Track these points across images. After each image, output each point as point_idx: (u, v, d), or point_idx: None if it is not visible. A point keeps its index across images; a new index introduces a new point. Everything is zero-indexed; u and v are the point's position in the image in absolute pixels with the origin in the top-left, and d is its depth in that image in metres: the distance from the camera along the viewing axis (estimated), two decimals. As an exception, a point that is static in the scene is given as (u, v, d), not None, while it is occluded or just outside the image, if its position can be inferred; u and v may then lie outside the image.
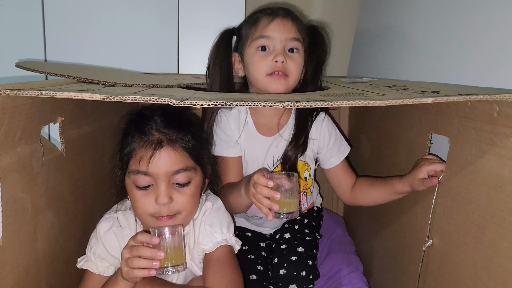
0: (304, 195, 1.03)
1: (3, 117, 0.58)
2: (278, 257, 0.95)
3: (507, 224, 0.61)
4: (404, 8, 1.15)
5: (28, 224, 0.69)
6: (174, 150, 0.74)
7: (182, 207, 0.75)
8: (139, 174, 0.73)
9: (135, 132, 0.76)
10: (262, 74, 0.87)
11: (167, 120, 0.75)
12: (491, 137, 0.64)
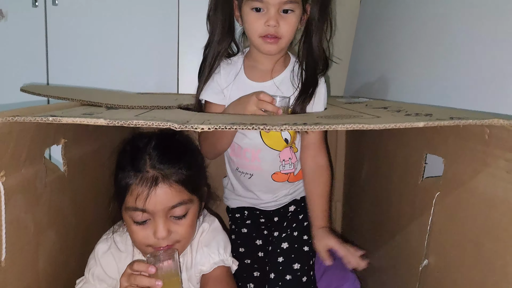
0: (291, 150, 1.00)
1: (10, 141, 0.59)
2: (274, 273, 0.95)
3: (501, 242, 0.62)
4: (398, 31, 1.19)
5: (30, 244, 0.70)
6: (170, 186, 0.75)
7: (181, 237, 0.76)
8: (136, 211, 0.74)
9: (129, 167, 0.76)
10: (256, 35, 0.88)
11: (162, 153, 0.76)
12: (484, 158, 0.66)
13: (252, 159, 0.93)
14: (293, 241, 0.99)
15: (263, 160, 0.94)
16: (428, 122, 0.56)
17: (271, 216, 1.08)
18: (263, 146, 0.93)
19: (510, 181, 0.61)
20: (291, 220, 1.04)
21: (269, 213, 1.08)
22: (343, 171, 1.38)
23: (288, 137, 0.94)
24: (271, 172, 0.98)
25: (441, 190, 0.77)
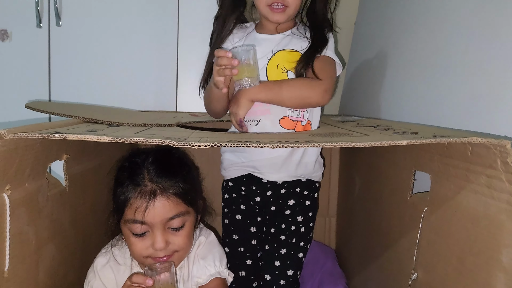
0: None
1: (16, 156, 0.62)
2: (270, 275, 0.98)
3: (483, 256, 0.65)
4: (391, 52, 1.23)
5: (32, 256, 0.72)
6: (168, 199, 0.78)
7: (179, 248, 0.79)
8: (135, 224, 0.78)
9: (128, 181, 0.80)
10: (263, 4, 0.92)
11: (159, 168, 0.80)
12: (467, 174, 0.69)
13: (259, 103, 0.91)
14: (290, 247, 1.00)
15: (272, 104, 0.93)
16: (411, 140, 0.59)
17: (269, 200, 1.02)
18: None
19: (491, 197, 0.64)
20: (289, 219, 1.02)
21: (268, 191, 1.02)
22: (337, 187, 1.42)
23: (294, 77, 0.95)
24: (279, 116, 0.94)
25: (428, 205, 0.80)
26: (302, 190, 1.01)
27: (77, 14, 1.41)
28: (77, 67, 1.42)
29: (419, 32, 1.07)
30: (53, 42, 1.40)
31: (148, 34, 1.44)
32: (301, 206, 1.01)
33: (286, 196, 1.00)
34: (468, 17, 0.88)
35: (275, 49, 0.96)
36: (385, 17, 1.32)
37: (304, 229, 1.02)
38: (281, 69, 0.94)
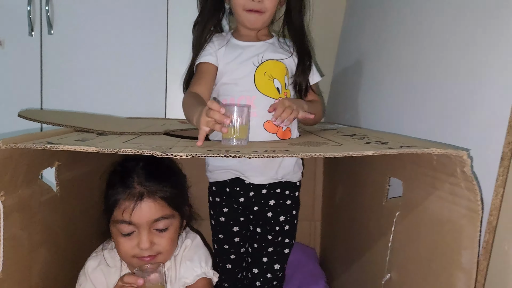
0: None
1: (10, 164, 0.66)
2: (258, 269, 1.07)
3: (446, 258, 0.70)
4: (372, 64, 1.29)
5: (25, 259, 0.76)
6: (154, 201, 0.83)
7: (163, 249, 0.84)
8: (123, 224, 0.83)
9: (119, 184, 0.85)
10: (241, 9, 0.98)
11: (148, 173, 0.85)
12: (433, 182, 0.74)
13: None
14: (276, 245, 1.07)
15: (258, 105, 0.97)
16: (377, 150, 0.64)
17: (251, 201, 1.06)
18: (257, 93, 0.99)
19: (454, 202, 0.69)
20: (271, 221, 1.07)
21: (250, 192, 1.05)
22: (321, 193, 1.47)
23: (279, 87, 1.00)
24: (264, 120, 0.98)
25: (400, 210, 0.86)
26: (283, 191, 1.06)
27: (68, 23, 1.44)
28: (69, 75, 1.45)
29: (398, 46, 1.13)
30: (45, 50, 1.44)
31: (138, 43, 1.48)
32: (282, 206, 1.06)
33: (267, 196, 1.04)
34: (441, 33, 0.93)
35: (261, 56, 1.01)
36: (368, 31, 1.37)
37: (289, 227, 1.07)
38: (268, 76, 1.00)
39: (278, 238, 1.06)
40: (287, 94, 1.02)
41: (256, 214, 1.06)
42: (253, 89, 0.98)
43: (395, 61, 1.13)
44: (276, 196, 1.05)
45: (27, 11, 1.40)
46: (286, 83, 1.02)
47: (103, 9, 1.46)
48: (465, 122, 0.81)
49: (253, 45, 1.02)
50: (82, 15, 1.45)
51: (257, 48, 1.01)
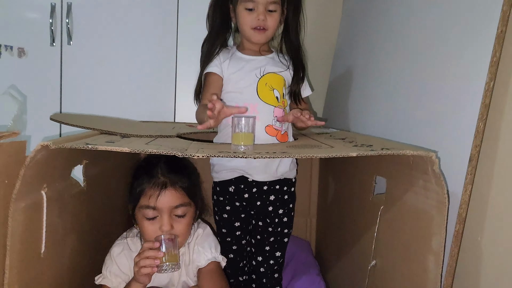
0: (283, 113, 1.15)
1: (51, 162, 0.79)
2: (261, 257, 1.20)
3: (420, 243, 0.82)
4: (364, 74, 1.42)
5: (59, 243, 0.89)
6: (175, 190, 0.97)
7: (180, 233, 0.96)
8: (148, 209, 0.95)
9: (145, 176, 0.98)
10: (248, 28, 1.12)
11: (170, 167, 0.99)
12: (410, 179, 0.87)
13: (250, 111, 1.11)
14: (276, 235, 1.20)
15: (260, 111, 1.10)
16: (360, 152, 0.77)
17: (255, 196, 1.17)
18: (259, 101, 1.11)
19: (426, 196, 0.82)
20: (272, 214, 1.19)
21: (253, 188, 1.16)
22: (317, 192, 1.59)
23: (278, 96, 1.14)
24: (265, 124, 1.11)
25: (384, 204, 0.98)
26: (281, 187, 1.19)
27: (86, 34, 1.57)
28: (86, 81, 1.58)
29: (384, 61, 1.26)
30: (65, 59, 1.57)
31: (150, 53, 1.61)
32: (281, 201, 1.19)
33: (268, 192, 1.17)
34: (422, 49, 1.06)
35: (263, 69, 1.15)
36: (359, 47, 1.50)
37: (287, 219, 1.20)
38: (269, 87, 1.13)
39: (278, 229, 1.19)
40: (284, 103, 1.15)
41: (258, 208, 1.18)
42: (255, 98, 1.11)
43: (382, 74, 1.25)
44: (275, 192, 1.17)
45: (49, 23, 1.53)
46: (284, 93, 1.16)
47: (117, 22, 1.59)
48: (440, 128, 0.93)
49: (255, 59, 1.16)
50: (99, 27, 1.58)
51: (259, 61, 1.15)
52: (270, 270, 1.20)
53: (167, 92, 1.63)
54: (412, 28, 1.13)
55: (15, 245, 0.72)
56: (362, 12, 1.54)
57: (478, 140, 0.84)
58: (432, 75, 0.99)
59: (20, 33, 1.54)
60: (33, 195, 0.77)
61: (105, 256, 1.04)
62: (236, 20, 1.16)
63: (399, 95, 1.13)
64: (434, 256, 0.79)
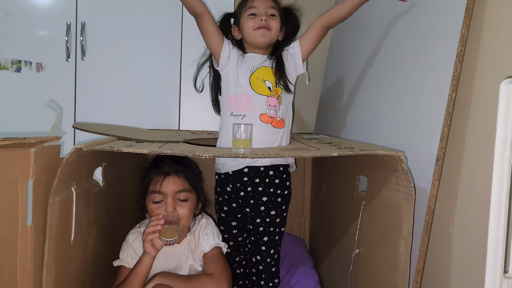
0: (277, 100, 1.26)
1: (80, 163, 0.93)
2: (253, 246, 1.32)
3: (393, 229, 0.97)
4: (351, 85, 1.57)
5: (84, 234, 1.03)
6: (178, 177, 1.15)
7: (182, 215, 1.13)
8: (155, 193, 1.13)
9: (153, 168, 1.17)
10: (252, 29, 1.24)
11: (174, 160, 1.17)
12: (385, 176, 1.01)
13: (246, 102, 1.23)
14: (270, 234, 1.30)
15: (254, 102, 1.23)
16: (340, 152, 0.91)
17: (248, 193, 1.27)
18: (253, 92, 1.24)
19: (397, 190, 0.96)
20: (262, 214, 1.29)
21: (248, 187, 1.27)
22: (310, 192, 1.74)
23: (270, 86, 1.26)
24: (260, 113, 1.22)
25: (365, 200, 1.12)
26: (275, 190, 1.29)
27: (98, 51, 1.72)
28: (98, 93, 1.73)
29: (371, 74, 1.41)
30: (79, 73, 1.71)
31: (156, 67, 1.75)
32: (273, 203, 1.29)
33: (262, 193, 1.28)
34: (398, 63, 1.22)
35: (256, 65, 1.28)
36: (348, 57, 1.66)
37: (280, 219, 1.31)
38: (260, 80, 1.26)
39: (270, 228, 1.30)
40: (278, 91, 1.26)
41: (252, 208, 1.29)
42: (249, 90, 1.24)
43: (366, 87, 1.41)
44: (268, 194, 1.28)
45: (65, 40, 1.69)
46: (277, 83, 1.27)
47: (126, 39, 1.74)
48: (412, 133, 1.08)
49: (253, 56, 1.29)
50: (109, 44, 1.73)
51: (254, 58, 1.28)
52: (268, 266, 1.31)
53: (172, 103, 1.77)
54: (390, 47, 1.28)
55: (52, 232, 0.86)
56: (351, 29, 1.70)
57: (443, 143, 0.98)
58: (406, 88, 1.14)
59: (39, 49, 1.68)
60: (65, 191, 0.91)
61: (118, 246, 1.18)
62: (241, 33, 1.28)
63: (380, 105, 1.28)
64: (404, 240, 0.93)
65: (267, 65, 1.28)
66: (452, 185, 1.00)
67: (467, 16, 0.95)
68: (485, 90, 0.91)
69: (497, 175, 0.68)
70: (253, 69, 1.27)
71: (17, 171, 0.79)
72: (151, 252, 1.07)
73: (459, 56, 0.96)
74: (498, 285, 0.68)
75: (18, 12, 1.67)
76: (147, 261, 1.07)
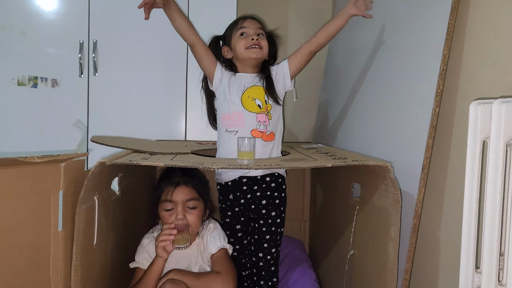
0: (266, 116, 1.35)
1: (101, 175, 1.04)
2: (255, 245, 1.42)
3: (382, 232, 1.07)
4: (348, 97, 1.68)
5: (104, 238, 1.13)
6: (187, 187, 1.27)
7: (191, 222, 1.24)
8: (166, 202, 1.25)
9: (165, 179, 1.28)
10: (243, 48, 1.34)
11: (183, 172, 1.29)
12: (376, 184, 1.12)
13: (238, 119, 1.34)
14: (271, 234, 1.41)
15: (245, 120, 1.33)
16: (334, 163, 1.02)
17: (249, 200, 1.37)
18: (244, 110, 1.34)
19: (386, 196, 1.07)
20: (265, 216, 1.39)
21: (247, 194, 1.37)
22: (309, 199, 1.84)
23: (260, 104, 1.36)
24: (251, 128, 1.33)
25: (359, 205, 1.23)
26: (272, 193, 1.40)
27: (109, 67, 1.83)
28: (109, 106, 1.84)
29: (364, 90, 1.52)
30: (91, 88, 1.83)
31: (163, 81, 1.87)
32: (273, 205, 1.40)
33: (260, 197, 1.39)
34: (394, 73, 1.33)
35: (247, 84, 1.38)
36: (345, 72, 1.77)
37: (280, 220, 1.42)
38: (251, 98, 1.36)
39: (272, 228, 1.41)
40: (268, 108, 1.37)
41: (253, 212, 1.40)
42: (241, 109, 1.35)
43: (359, 101, 1.52)
44: (267, 197, 1.39)
45: (78, 57, 1.80)
46: (266, 100, 1.38)
47: (135, 56, 1.85)
48: (400, 145, 1.19)
49: (243, 75, 1.40)
50: (119, 61, 1.84)
51: (245, 78, 1.39)
52: (268, 264, 1.42)
53: (179, 115, 1.89)
54: (379, 67, 1.39)
55: (79, 237, 0.97)
56: (347, 44, 1.81)
57: (428, 153, 1.09)
58: (394, 104, 1.25)
59: (54, 66, 1.80)
60: (89, 200, 1.02)
61: (132, 250, 1.30)
62: (233, 53, 1.39)
63: (372, 118, 1.39)
64: (392, 242, 1.04)
65: (258, 84, 1.39)
66: (438, 191, 1.11)
67: (448, 38, 1.06)
68: (464, 106, 1.02)
69: (468, 183, 0.79)
70: (244, 88, 1.37)
71: (50, 184, 0.91)
72: (163, 256, 1.18)
73: (441, 75, 1.07)
74: (470, 279, 0.79)
75: (34, 32, 1.78)
76: (160, 262, 1.19)
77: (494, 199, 0.72)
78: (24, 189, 0.85)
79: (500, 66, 0.91)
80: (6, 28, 1.75)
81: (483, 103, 0.75)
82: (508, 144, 0.71)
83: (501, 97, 0.74)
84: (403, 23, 1.27)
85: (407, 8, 1.27)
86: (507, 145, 0.71)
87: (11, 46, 1.77)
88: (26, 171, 0.84)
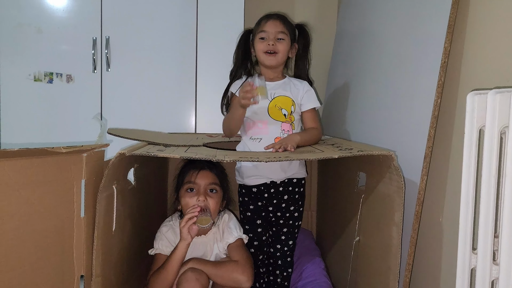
0: (290, 126, 1.42)
1: (119, 165, 1.10)
2: (273, 237, 1.49)
3: (386, 217, 1.12)
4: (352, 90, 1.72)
5: (122, 225, 1.20)
6: (210, 172, 1.33)
7: (211, 205, 1.29)
8: (190, 183, 1.32)
9: (190, 165, 1.35)
10: (261, 52, 1.40)
11: (206, 161, 1.31)
12: (380, 172, 1.17)
13: (263, 127, 1.39)
14: (289, 227, 1.48)
15: (270, 128, 1.39)
16: (340, 154, 1.07)
17: (272, 196, 1.44)
18: (270, 119, 1.40)
19: (390, 184, 1.11)
20: (283, 209, 1.46)
21: (271, 189, 1.43)
22: (316, 189, 1.89)
23: (286, 113, 1.41)
24: (274, 136, 1.38)
25: (364, 194, 1.28)
26: (293, 188, 1.47)
27: (121, 62, 1.90)
28: (121, 100, 1.90)
29: (369, 82, 1.57)
30: (104, 83, 1.89)
31: (173, 76, 1.93)
32: (292, 200, 1.47)
33: (283, 192, 1.45)
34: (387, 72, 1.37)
35: (273, 93, 1.43)
36: (350, 65, 1.81)
37: (297, 214, 1.49)
38: (278, 108, 1.41)
39: (290, 222, 1.47)
40: (291, 118, 1.43)
41: (275, 206, 1.46)
42: (266, 116, 1.40)
43: (365, 93, 1.57)
44: (288, 192, 1.45)
45: (91, 54, 1.86)
46: (292, 111, 1.43)
47: (146, 51, 1.92)
48: (404, 134, 1.24)
49: (269, 84, 1.42)
50: (131, 56, 1.91)
51: (271, 87, 1.42)
52: (284, 254, 1.48)
53: (189, 108, 1.95)
54: (384, 61, 1.44)
55: (100, 223, 1.03)
56: (352, 37, 1.85)
57: (430, 142, 1.13)
58: (398, 95, 1.30)
59: (68, 62, 1.87)
60: (109, 188, 1.08)
61: (147, 237, 1.37)
62: (255, 52, 1.44)
63: (376, 110, 1.44)
64: (396, 227, 1.09)
65: (286, 94, 1.43)
66: (440, 179, 1.16)
67: (449, 32, 1.10)
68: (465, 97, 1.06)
69: (465, 169, 0.84)
70: (271, 97, 1.41)
71: (73, 173, 0.97)
72: (187, 239, 1.23)
73: (443, 67, 1.11)
74: (468, 260, 0.84)
75: (49, 30, 1.85)
76: (183, 247, 1.24)
77: (489, 184, 0.77)
78: (51, 177, 0.91)
79: (499, 58, 0.95)
80: (23, 26, 1.82)
81: (479, 93, 0.80)
82: (503, 132, 0.76)
83: (496, 87, 0.79)
84: (406, 18, 1.32)
85: (410, 3, 1.31)
86: (501, 133, 0.75)
87: (28, 43, 1.83)
88: (53, 161, 0.91)
